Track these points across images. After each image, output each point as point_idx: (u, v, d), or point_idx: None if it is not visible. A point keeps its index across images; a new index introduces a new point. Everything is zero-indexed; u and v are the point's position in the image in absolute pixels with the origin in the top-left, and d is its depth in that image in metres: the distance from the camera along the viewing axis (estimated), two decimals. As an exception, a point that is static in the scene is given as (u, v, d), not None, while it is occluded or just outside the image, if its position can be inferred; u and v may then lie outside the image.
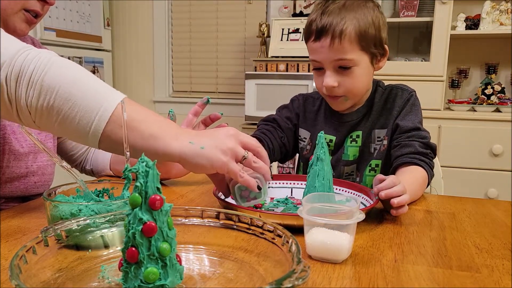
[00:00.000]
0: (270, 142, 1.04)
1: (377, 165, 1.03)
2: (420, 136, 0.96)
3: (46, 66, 0.60)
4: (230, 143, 0.65)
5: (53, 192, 0.65)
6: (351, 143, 1.05)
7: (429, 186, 0.97)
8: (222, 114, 0.92)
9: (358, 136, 1.04)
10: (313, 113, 1.10)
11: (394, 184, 0.72)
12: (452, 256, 0.60)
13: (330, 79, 0.95)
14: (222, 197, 0.76)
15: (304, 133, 1.11)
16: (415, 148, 0.93)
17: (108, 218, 0.53)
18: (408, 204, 0.76)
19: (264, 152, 0.71)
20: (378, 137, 1.03)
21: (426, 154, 0.92)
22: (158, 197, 0.41)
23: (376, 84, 1.05)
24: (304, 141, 1.11)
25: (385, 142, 1.02)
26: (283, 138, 1.09)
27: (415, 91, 1.04)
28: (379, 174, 0.77)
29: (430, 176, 0.91)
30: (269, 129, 1.07)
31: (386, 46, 0.99)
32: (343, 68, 0.94)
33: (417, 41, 2.62)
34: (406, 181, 0.78)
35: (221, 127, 0.71)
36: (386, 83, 1.07)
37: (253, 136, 1.04)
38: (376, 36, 0.95)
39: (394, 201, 0.71)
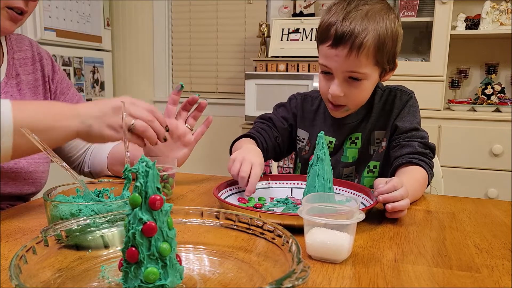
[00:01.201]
0: (265, 141, 1.04)
1: (375, 167, 1.03)
2: (419, 136, 0.96)
3: None
4: (115, 117, 0.74)
5: (53, 192, 0.65)
6: (350, 145, 1.04)
7: (429, 186, 0.97)
8: (199, 95, 0.95)
9: (357, 138, 1.04)
10: (311, 113, 1.10)
11: (395, 188, 0.72)
12: (452, 256, 0.60)
13: (338, 89, 0.93)
14: (223, 197, 0.76)
15: (302, 134, 1.10)
16: (414, 148, 0.93)
17: (108, 218, 0.53)
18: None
19: (155, 124, 0.78)
20: (377, 139, 1.03)
21: (425, 154, 0.92)
22: (158, 197, 0.41)
23: (375, 85, 1.05)
24: (303, 142, 1.10)
25: (384, 143, 1.02)
26: (277, 138, 1.08)
27: (413, 93, 1.04)
28: (379, 178, 0.77)
29: (430, 175, 0.91)
30: (264, 128, 1.07)
31: (397, 61, 0.97)
32: (352, 79, 0.92)
33: (417, 41, 2.61)
34: (407, 181, 0.78)
35: (111, 99, 0.77)
36: (385, 83, 1.06)
37: (248, 134, 1.04)
38: (391, 51, 0.92)
39: (389, 206, 0.71)
